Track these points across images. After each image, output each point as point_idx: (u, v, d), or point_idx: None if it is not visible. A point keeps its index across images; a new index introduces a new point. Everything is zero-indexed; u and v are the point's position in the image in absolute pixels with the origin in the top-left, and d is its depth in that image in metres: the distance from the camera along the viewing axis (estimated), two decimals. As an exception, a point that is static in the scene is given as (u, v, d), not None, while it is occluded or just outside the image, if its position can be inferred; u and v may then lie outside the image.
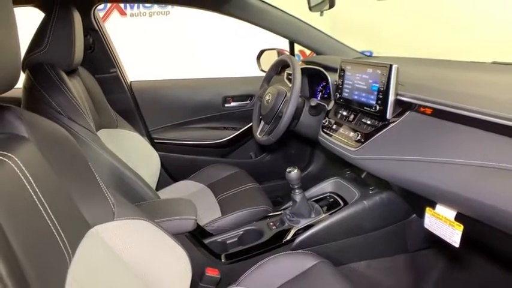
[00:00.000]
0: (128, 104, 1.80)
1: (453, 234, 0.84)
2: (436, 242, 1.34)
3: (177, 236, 1.00)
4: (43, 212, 0.60)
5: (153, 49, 3.48)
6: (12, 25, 0.60)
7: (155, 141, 1.86)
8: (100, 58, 1.68)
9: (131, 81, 1.88)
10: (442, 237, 0.87)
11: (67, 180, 0.74)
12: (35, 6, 1.35)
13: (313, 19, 1.70)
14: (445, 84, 1.06)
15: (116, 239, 0.81)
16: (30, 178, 0.60)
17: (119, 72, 1.76)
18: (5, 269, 0.41)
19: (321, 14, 1.30)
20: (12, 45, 0.60)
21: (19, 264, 0.46)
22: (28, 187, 0.59)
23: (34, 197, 0.60)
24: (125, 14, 3.65)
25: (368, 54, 3.55)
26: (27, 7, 1.41)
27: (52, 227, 0.61)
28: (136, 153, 1.53)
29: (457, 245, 0.84)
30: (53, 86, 1.12)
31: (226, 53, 3.33)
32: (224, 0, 1.59)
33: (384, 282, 1.27)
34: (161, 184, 1.69)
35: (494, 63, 1.39)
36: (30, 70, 1.17)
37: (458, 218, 0.83)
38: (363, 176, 1.41)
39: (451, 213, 0.84)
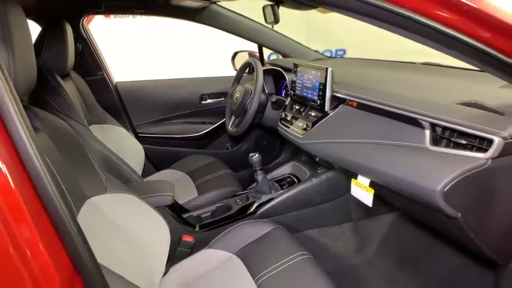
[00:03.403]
0: (114, 102, 2.02)
1: (368, 197, 1.11)
2: (375, 213, 1.62)
3: (158, 209, 1.23)
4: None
5: (137, 48, 3.66)
6: (28, 38, 0.81)
7: (139, 135, 2.08)
8: (88, 62, 1.89)
9: (116, 82, 2.09)
10: (361, 200, 1.14)
11: (69, 161, 0.97)
12: (32, 19, 1.55)
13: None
14: (371, 82, 1.32)
15: (108, 207, 1.05)
16: (46, 157, 0.83)
17: (105, 74, 1.98)
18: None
19: (272, 27, 1.55)
20: (29, 56, 0.81)
21: None
22: None
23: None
24: (109, 16, 3.83)
25: (342, 52, 3.83)
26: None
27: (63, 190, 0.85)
28: (122, 145, 1.75)
29: (370, 205, 1.10)
30: (51, 88, 1.34)
31: (206, 52, 3.54)
32: (198, 11, 1.82)
33: (332, 246, 1.54)
34: (146, 173, 1.90)
35: (424, 63, 1.66)
36: None
37: (371, 185, 1.10)
38: (317, 159, 1.67)
39: (366, 181, 1.11)
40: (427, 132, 0.92)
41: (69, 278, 0.50)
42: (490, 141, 0.78)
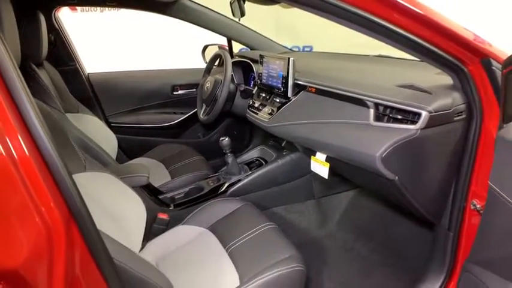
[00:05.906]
0: (87, 93, 2.06)
1: (324, 170, 1.25)
2: (335, 191, 1.78)
3: (134, 189, 1.31)
4: None
5: (104, 43, 3.65)
6: (14, 25, 0.89)
7: (112, 124, 2.13)
8: (61, 53, 1.93)
9: (88, 73, 2.13)
10: (319, 173, 1.28)
11: None
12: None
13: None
14: (328, 71, 1.47)
15: (87, 184, 1.12)
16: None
17: (77, 65, 2.02)
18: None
19: (239, 20, 1.67)
20: (16, 40, 0.90)
21: None
22: None
23: None
24: (76, 10, 3.78)
25: (309, 49, 4.00)
26: None
27: None
28: (96, 134, 1.80)
29: (326, 177, 1.25)
30: (28, 76, 1.39)
31: (174, 46, 3.59)
32: (168, 5, 1.90)
33: (297, 221, 1.69)
34: (119, 162, 1.95)
35: (378, 56, 1.84)
36: None
37: (327, 159, 1.25)
38: (283, 144, 1.81)
39: (323, 157, 1.25)
40: (371, 111, 1.07)
41: (67, 219, 0.61)
42: (419, 115, 0.94)
